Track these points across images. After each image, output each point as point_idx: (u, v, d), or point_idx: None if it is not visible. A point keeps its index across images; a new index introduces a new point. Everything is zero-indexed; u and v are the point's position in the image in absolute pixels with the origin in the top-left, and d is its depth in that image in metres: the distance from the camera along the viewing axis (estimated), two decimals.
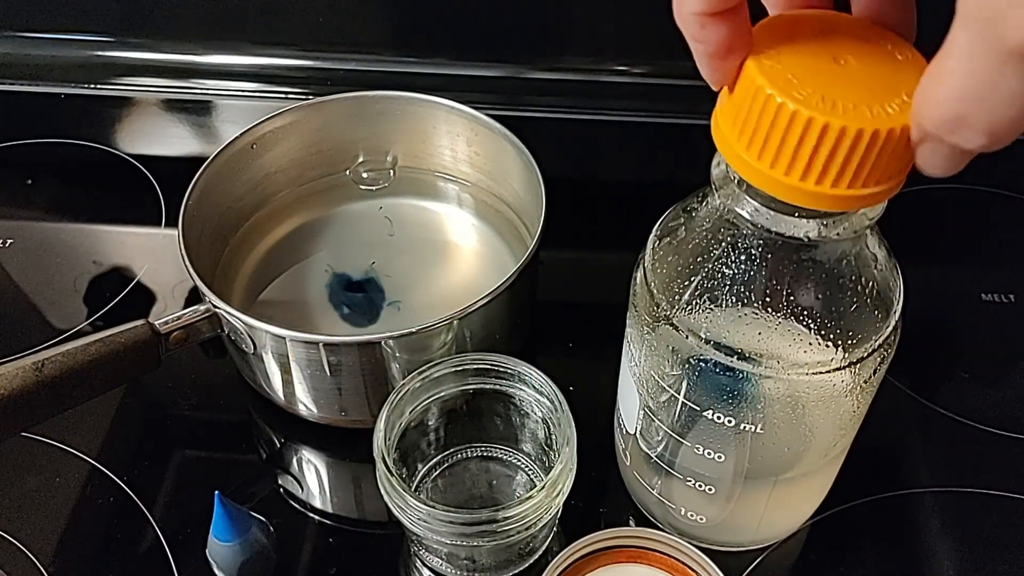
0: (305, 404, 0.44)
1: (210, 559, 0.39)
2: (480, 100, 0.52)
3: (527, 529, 0.35)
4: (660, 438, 0.36)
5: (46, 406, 0.38)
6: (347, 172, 0.55)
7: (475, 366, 0.40)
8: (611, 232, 0.57)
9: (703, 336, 0.31)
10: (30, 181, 0.61)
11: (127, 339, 0.40)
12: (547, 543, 0.41)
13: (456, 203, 0.55)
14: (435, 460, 0.43)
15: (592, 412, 0.41)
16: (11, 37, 0.67)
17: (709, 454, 0.35)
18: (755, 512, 0.38)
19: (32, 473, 0.44)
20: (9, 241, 0.56)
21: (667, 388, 0.34)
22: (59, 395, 0.38)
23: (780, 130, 0.25)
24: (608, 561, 0.36)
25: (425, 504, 0.34)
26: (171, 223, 0.56)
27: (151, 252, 0.55)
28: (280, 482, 0.44)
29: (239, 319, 0.40)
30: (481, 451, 0.44)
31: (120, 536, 0.42)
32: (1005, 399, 0.47)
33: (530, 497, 0.35)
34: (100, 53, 0.67)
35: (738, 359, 0.31)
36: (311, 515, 0.43)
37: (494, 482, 0.43)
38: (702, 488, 0.37)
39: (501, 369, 0.39)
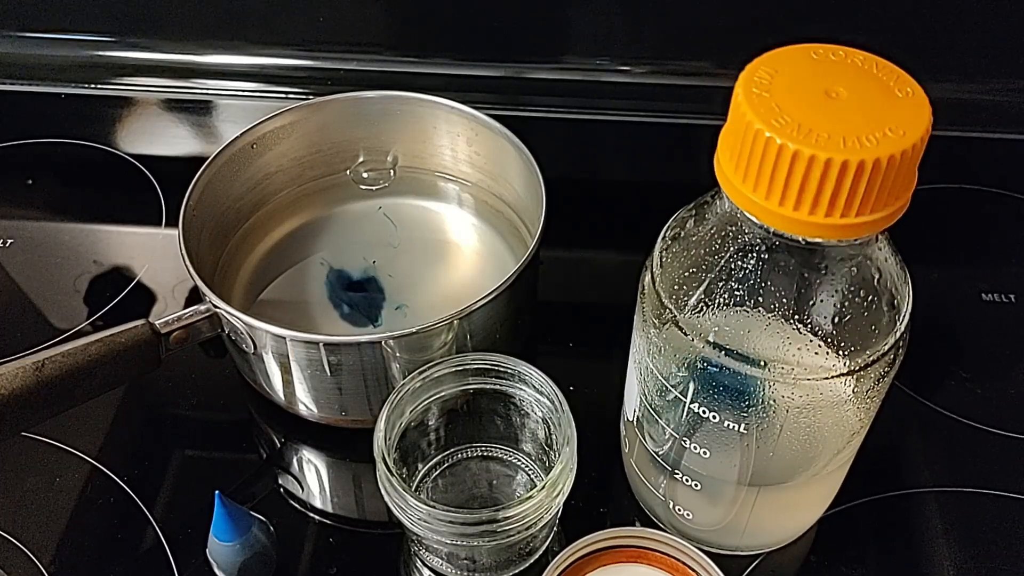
0: (305, 404, 0.44)
1: (210, 559, 0.39)
2: (480, 100, 0.52)
3: (527, 529, 0.35)
4: (664, 439, 0.36)
5: (46, 406, 0.38)
6: (347, 172, 0.55)
7: (475, 366, 0.40)
8: (611, 232, 0.57)
9: (709, 339, 0.31)
10: (30, 181, 0.61)
11: (127, 339, 0.40)
12: (547, 543, 0.41)
13: (456, 203, 0.55)
14: (435, 460, 0.43)
15: (592, 412, 0.41)
16: (11, 37, 0.67)
17: (713, 457, 0.35)
18: (758, 517, 0.38)
19: (32, 473, 0.44)
20: (9, 241, 0.56)
21: (672, 389, 0.34)
22: (59, 395, 0.38)
23: (757, 156, 0.26)
24: (608, 561, 0.36)
25: (425, 504, 0.34)
26: (171, 223, 0.56)
27: (151, 252, 0.55)
28: (280, 482, 0.44)
29: (239, 319, 0.40)
30: (481, 451, 0.44)
31: (120, 536, 0.42)
32: (1005, 399, 0.47)
33: (530, 497, 0.35)
34: (100, 53, 0.67)
35: (743, 363, 0.31)
36: (311, 515, 0.43)
37: (494, 482, 0.43)
38: (705, 491, 0.37)
39: (501, 369, 0.39)
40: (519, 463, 0.43)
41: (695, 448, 0.35)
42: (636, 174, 0.64)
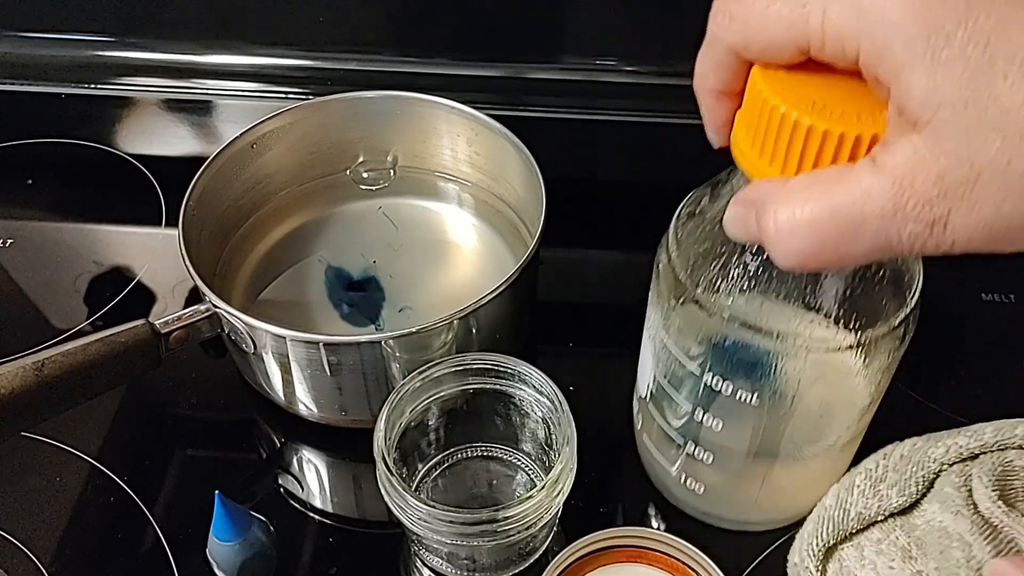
0: (305, 404, 0.44)
1: (210, 559, 0.39)
2: (480, 100, 0.52)
3: (527, 529, 0.35)
4: (679, 413, 0.36)
5: (46, 406, 0.38)
6: (347, 172, 0.55)
7: (475, 366, 0.40)
8: (611, 232, 0.57)
9: (724, 314, 0.32)
10: (30, 181, 0.61)
11: (127, 339, 0.40)
12: (547, 543, 0.41)
13: (456, 203, 0.55)
14: (435, 460, 0.43)
15: (592, 412, 0.41)
16: (11, 37, 0.67)
17: (726, 430, 0.35)
18: (769, 491, 0.38)
19: (32, 473, 0.44)
20: (9, 241, 0.56)
21: (686, 364, 0.34)
22: (59, 395, 0.38)
23: (773, 131, 0.26)
24: (608, 561, 0.36)
25: (425, 504, 0.34)
26: (171, 223, 0.56)
27: (151, 252, 0.55)
28: (280, 482, 0.44)
29: (239, 319, 0.40)
30: (481, 451, 0.44)
31: (120, 536, 0.42)
32: (1005, 399, 0.47)
33: (530, 497, 0.35)
34: (100, 53, 0.67)
35: (757, 335, 0.31)
36: (311, 515, 0.43)
37: (494, 482, 0.43)
38: (717, 463, 0.37)
39: (501, 369, 0.39)
40: (519, 463, 0.43)
41: (709, 421, 0.35)
42: (636, 174, 0.63)
